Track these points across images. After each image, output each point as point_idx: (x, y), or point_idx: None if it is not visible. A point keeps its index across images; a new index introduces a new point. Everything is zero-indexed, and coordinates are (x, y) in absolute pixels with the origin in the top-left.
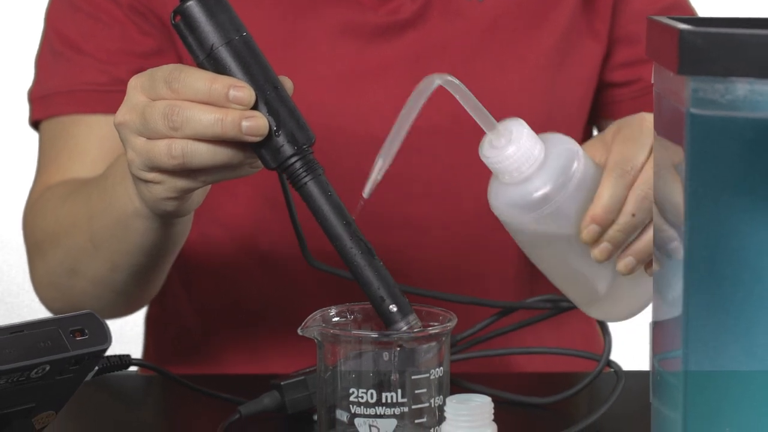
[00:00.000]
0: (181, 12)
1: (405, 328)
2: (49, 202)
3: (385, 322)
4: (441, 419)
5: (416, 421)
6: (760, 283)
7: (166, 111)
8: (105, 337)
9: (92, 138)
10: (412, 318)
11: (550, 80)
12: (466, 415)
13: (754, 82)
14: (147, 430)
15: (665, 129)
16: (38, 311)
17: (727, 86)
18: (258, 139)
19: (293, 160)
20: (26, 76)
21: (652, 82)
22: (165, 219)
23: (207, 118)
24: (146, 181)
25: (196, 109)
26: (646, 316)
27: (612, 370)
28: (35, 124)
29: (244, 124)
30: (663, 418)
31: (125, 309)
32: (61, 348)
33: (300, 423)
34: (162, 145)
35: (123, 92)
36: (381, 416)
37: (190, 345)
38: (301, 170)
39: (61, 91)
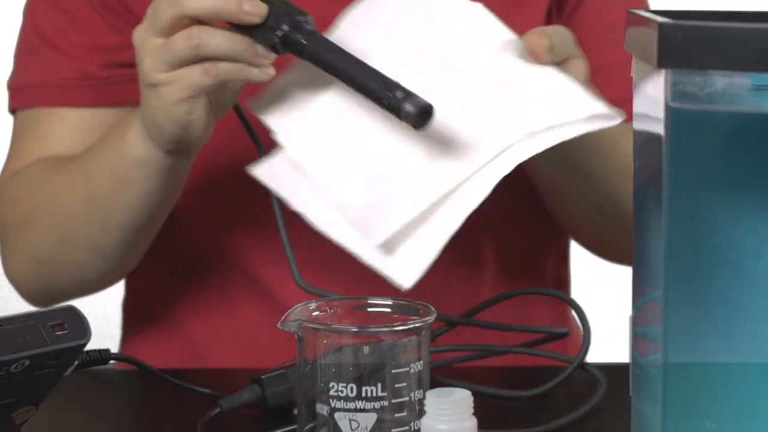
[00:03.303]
0: None
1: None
2: (32, 176)
3: (394, 109)
4: (421, 413)
5: (396, 415)
6: (739, 276)
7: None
8: (85, 332)
9: (63, 129)
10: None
11: None
12: (446, 409)
13: (732, 75)
14: (127, 424)
15: (645, 122)
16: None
17: (705, 79)
18: (257, 20)
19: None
20: (4, 64)
21: (632, 75)
22: (167, 149)
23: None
24: (158, 87)
25: None
26: (626, 309)
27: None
28: (14, 111)
29: (245, 7)
30: (643, 412)
31: (107, 278)
32: (40, 342)
33: (280, 416)
34: (179, 33)
35: (92, 86)
36: (361, 410)
37: (171, 337)
38: (300, 37)
39: (35, 84)
